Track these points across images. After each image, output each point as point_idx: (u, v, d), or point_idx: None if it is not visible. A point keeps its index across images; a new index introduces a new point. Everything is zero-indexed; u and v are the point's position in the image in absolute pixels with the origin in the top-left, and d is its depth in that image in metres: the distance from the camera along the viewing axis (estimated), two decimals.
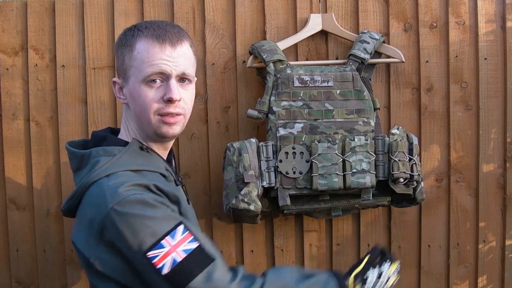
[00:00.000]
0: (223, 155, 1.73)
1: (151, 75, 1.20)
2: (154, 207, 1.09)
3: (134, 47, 1.22)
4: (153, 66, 1.20)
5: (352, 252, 1.91)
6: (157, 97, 1.21)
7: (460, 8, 1.85)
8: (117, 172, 1.15)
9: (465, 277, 1.91)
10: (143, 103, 1.21)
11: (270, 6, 1.86)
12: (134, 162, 1.20)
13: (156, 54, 1.20)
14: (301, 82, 1.71)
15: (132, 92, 1.23)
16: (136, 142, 1.24)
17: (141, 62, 1.20)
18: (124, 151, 1.21)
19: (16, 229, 1.91)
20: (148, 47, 1.21)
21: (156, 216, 1.08)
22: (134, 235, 1.06)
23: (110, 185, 1.11)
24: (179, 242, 1.07)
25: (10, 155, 1.90)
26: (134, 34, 1.23)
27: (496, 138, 1.87)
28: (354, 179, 1.65)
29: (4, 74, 1.89)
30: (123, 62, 1.24)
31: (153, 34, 1.21)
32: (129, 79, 1.23)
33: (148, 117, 1.22)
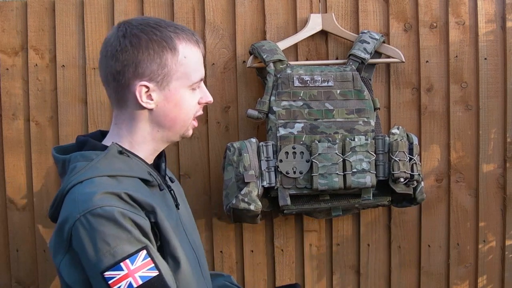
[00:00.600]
0: (223, 155, 1.73)
1: (199, 81, 1.22)
2: (119, 226, 1.05)
3: (177, 50, 1.17)
4: (198, 72, 1.21)
5: (352, 252, 1.91)
6: (196, 101, 1.24)
7: (460, 8, 1.85)
8: (92, 178, 1.12)
9: (465, 277, 1.91)
10: (187, 109, 1.22)
11: (270, 6, 1.86)
12: (111, 167, 1.16)
13: (200, 59, 1.22)
14: (301, 82, 1.71)
15: (174, 98, 1.19)
16: (114, 146, 1.19)
17: (189, 68, 1.19)
18: (102, 155, 1.16)
19: (16, 229, 1.91)
20: (194, 52, 1.20)
21: (120, 236, 1.04)
22: (95, 251, 1.04)
23: (82, 193, 1.08)
24: (138, 267, 1.04)
25: (10, 155, 1.90)
26: (171, 36, 1.17)
27: (496, 138, 1.87)
28: (354, 179, 1.65)
29: (4, 74, 1.89)
30: (165, 65, 1.16)
31: (191, 37, 1.21)
32: (171, 83, 1.18)
33: (186, 121, 1.23)
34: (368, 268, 1.91)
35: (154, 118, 1.21)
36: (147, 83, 1.16)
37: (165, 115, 1.21)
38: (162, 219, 1.15)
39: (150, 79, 1.16)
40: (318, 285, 1.92)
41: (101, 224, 1.04)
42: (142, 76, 1.16)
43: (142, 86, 1.16)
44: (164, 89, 1.18)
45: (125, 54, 1.16)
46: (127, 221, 1.06)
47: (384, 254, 1.91)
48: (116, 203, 1.07)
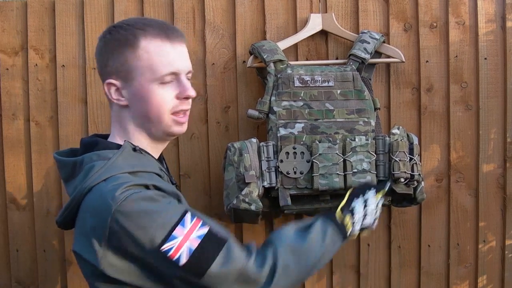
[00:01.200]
0: (224, 155, 1.72)
1: (167, 74, 1.18)
2: (157, 201, 1.08)
3: (138, 46, 1.18)
4: (167, 65, 1.18)
5: (352, 252, 1.91)
6: (171, 96, 1.20)
7: (460, 8, 1.85)
8: (115, 175, 1.12)
9: (465, 277, 1.91)
10: (157, 104, 1.19)
11: (270, 6, 1.86)
12: (129, 164, 1.17)
13: (169, 52, 1.19)
14: (301, 82, 1.71)
15: (140, 93, 1.19)
16: (128, 144, 1.21)
17: (152, 61, 1.18)
18: (118, 153, 1.17)
19: (16, 229, 1.91)
20: (159, 45, 1.18)
21: (161, 209, 1.07)
22: (144, 232, 1.05)
23: (109, 188, 1.08)
24: (190, 229, 1.07)
25: (10, 155, 1.89)
26: (135, 33, 1.19)
27: (496, 138, 1.87)
28: (355, 179, 1.65)
29: (4, 74, 1.88)
30: (125, 62, 1.19)
31: (160, 31, 1.19)
32: (135, 79, 1.19)
33: (160, 117, 1.20)
34: (368, 268, 1.91)
35: (133, 116, 1.24)
36: (114, 80, 1.21)
37: (138, 112, 1.22)
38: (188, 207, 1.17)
39: (116, 76, 1.21)
40: (318, 285, 1.92)
41: (139, 206, 1.06)
42: (110, 74, 1.21)
43: (109, 84, 1.22)
44: (131, 86, 1.20)
45: (98, 55, 1.24)
46: (160, 197, 1.09)
47: (384, 254, 1.91)
48: (145, 190, 1.10)
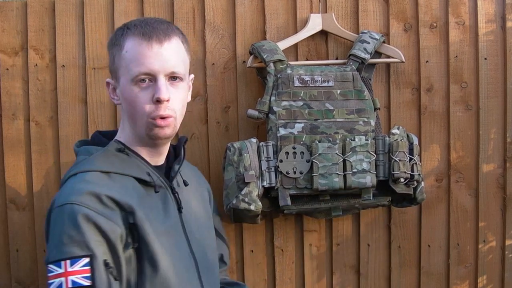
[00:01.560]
0: (223, 155, 1.73)
1: (138, 75, 1.17)
2: (77, 228, 1.09)
3: (122, 46, 1.20)
4: (140, 66, 1.17)
5: (352, 252, 1.91)
6: (147, 98, 1.18)
7: (460, 8, 1.85)
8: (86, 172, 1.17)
9: (465, 277, 1.91)
10: (134, 105, 1.19)
11: (270, 6, 1.86)
12: (107, 163, 1.20)
13: (143, 52, 1.17)
14: (301, 82, 1.71)
15: (123, 93, 1.21)
16: (115, 143, 1.23)
17: (129, 62, 1.18)
18: (101, 151, 1.22)
19: (16, 229, 1.91)
20: (135, 46, 1.18)
21: (73, 237, 1.09)
22: (52, 241, 1.12)
23: (69, 186, 1.16)
24: (75, 272, 1.07)
25: (10, 155, 1.89)
26: (123, 33, 1.21)
27: (496, 138, 1.87)
28: (354, 179, 1.65)
29: (4, 74, 1.88)
30: (114, 62, 1.22)
31: (140, 31, 1.19)
32: (120, 79, 1.21)
33: (139, 119, 1.20)
34: (368, 268, 1.91)
35: (125, 115, 1.26)
36: (110, 79, 1.27)
37: (126, 112, 1.24)
38: (142, 221, 1.17)
39: (111, 76, 1.26)
40: (318, 285, 1.92)
41: (64, 221, 1.10)
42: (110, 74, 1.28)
43: (108, 83, 1.28)
44: (119, 85, 1.23)
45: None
46: (89, 224, 1.10)
47: (384, 254, 1.91)
48: (91, 204, 1.12)
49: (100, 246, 1.10)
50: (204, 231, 1.37)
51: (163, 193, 1.27)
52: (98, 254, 1.09)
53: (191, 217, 1.33)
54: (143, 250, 1.16)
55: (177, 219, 1.28)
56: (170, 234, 1.23)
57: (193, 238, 1.30)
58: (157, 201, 1.25)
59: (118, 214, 1.15)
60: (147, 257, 1.16)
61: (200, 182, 1.51)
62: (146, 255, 1.16)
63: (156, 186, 1.24)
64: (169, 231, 1.24)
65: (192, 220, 1.33)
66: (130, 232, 1.15)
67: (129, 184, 1.21)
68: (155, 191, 1.24)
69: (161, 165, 1.31)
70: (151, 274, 1.16)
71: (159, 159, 1.31)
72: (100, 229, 1.11)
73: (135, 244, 1.16)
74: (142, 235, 1.16)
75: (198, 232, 1.33)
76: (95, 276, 1.08)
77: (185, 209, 1.31)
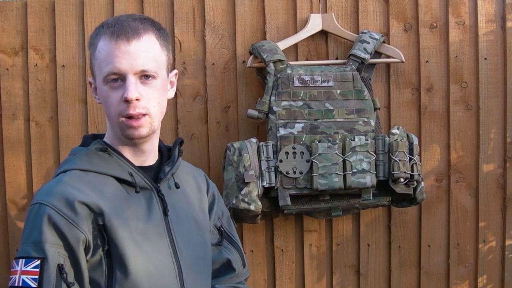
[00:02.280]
0: (223, 155, 1.73)
1: (108, 74, 1.16)
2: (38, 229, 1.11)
3: (96, 46, 1.19)
4: (109, 65, 1.16)
5: (352, 252, 1.91)
6: (118, 98, 1.17)
7: (460, 8, 1.85)
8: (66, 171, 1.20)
9: (465, 277, 1.91)
10: (108, 104, 1.18)
11: (270, 6, 1.86)
12: (87, 162, 1.21)
13: (112, 52, 1.16)
14: (301, 82, 1.71)
15: (99, 92, 1.21)
16: (97, 143, 1.23)
17: (101, 61, 1.17)
18: (83, 151, 1.23)
19: (16, 229, 1.91)
20: (105, 45, 1.17)
21: (34, 238, 1.12)
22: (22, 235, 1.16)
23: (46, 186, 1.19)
24: (26, 271, 1.10)
25: (10, 155, 1.90)
26: (98, 33, 1.20)
27: (496, 138, 1.87)
28: (354, 179, 1.65)
29: (4, 74, 1.89)
30: (91, 62, 1.22)
31: (110, 31, 1.17)
32: (96, 78, 1.21)
33: (113, 119, 1.19)
34: (368, 268, 1.91)
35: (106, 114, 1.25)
36: (91, 79, 1.26)
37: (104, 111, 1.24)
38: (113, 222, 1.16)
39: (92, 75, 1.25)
40: (318, 285, 1.92)
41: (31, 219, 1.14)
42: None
43: (90, 83, 1.27)
44: (96, 85, 1.22)
45: None
46: (49, 226, 1.12)
47: (384, 254, 1.91)
48: (58, 205, 1.13)
49: (56, 249, 1.12)
50: (195, 237, 1.32)
51: (148, 195, 1.24)
52: (51, 258, 1.10)
53: (180, 221, 1.29)
54: (113, 253, 1.15)
55: (161, 222, 1.24)
56: (151, 237, 1.21)
57: (180, 243, 1.25)
58: (140, 203, 1.22)
59: (86, 217, 1.14)
60: (117, 259, 1.15)
61: (200, 184, 1.45)
62: (116, 258, 1.15)
63: (137, 187, 1.22)
64: (150, 234, 1.21)
65: (181, 224, 1.29)
66: (99, 234, 1.15)
67: (109, 184, 1.20)
68: (136, 191, 1.22)
69: (150, 166, 1.29)
70: (121, 277, 1.14)
71: (145, 159, 1.28)
72: (59, 231, 1.12)
73: (105, 246, 1.15)
74: (112, 237, 1.15)
75: (186, 237, 1.28)
76: (43, 279, 1.10)
77: (173, 212, 1.27)
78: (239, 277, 1.46)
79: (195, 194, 1.39)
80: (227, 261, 1.43)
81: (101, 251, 1.15)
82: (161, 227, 1.24)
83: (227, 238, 1.46)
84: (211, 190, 1.47)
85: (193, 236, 1.32)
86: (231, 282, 1.45)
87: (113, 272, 1.15)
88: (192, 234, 1.31)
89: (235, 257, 1.47)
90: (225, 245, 1.45)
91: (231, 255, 1.45)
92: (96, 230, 1.15)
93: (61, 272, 1.11)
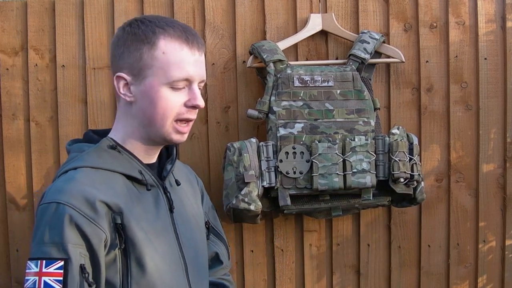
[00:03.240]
0: (223, 155, 1.73)
1: (178, 80, 1.16)
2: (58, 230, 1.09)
3: (156, 45, 1.16)
4: (182, 70, 1.16)
5: (352, 252, 1.91)
6: (180, 102, 1.18)
7: (460, 8, 1.85)
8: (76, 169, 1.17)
9: (465, 277, 1.91)
10: (163, 107, 1.17)
11: (270, 6, 1.86)
12: (97, 159, 1.19)
13: (186, 58, 1.16)
14: (301, 82, 1.71)
15: (149, 93, 1.17)
16: (106, 140, 1.22)
17: (168, 64, 1.16)
18: (92, 148, 1.21)
19: (16, 229, 1.91)
20: (176, 49, 1.16)
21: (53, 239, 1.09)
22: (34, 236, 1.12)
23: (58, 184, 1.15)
24: (48, 273, 1.08)
25: (10, 155, 1.90)
26: (155, 31, 1.17)
27: (496, 138, 1.87)
28: (354, 179, 1.65)
29: (4, 74, 1.89)
30: (140, 59, 1.17)
31: (181, 35, 1.17)
32: (146, 78, 1.17)
33: (163, 121, 1.18)
34: (368, 268, 1.91)
35: (136, 114, 1.22)
36: (125, 75, 1.19)
37: (143, 112, 1.20)
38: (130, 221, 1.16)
39: (128, 71, 1.19)
40: (318, 285, 1.92)
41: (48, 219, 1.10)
42: (122, 68, 1.20)
43: (119, 78, 1.20)
44: (141, 84, 1.18)
45: (114, 45, 1.22)
46: (71, 226, 1.09)
47: (384, 254, 1.91)
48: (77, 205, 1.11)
49: (78, 249, 1.10)
50: (196, 233, 1.35)
51: (155, 192, 1.26)
52: (74, 258, 1.09)
53: (183, 218, 1.31)
54: (130, 251, 1.15)
55: (168, 219, 1.26)
56: (160, 234, 1.22)
57: (184, 239, 1.28)
58: (149, 200, 1.23)
59: (105, 216, 1.14)
60: (134, 258, 1.15)
61: (192, 181, 1.47)
62: (133, 256, 1.15)
63: (148, 184, 1.23)
64: (160, 231, 1.22)
65: (184, 221, 1.31)
66: (117, 233, 1.15)
67: (120, 181, 1.20)
68: (147, 189, 1.23)
69: (153, 164, 1.30)
70: (138, 275, 1.15)
71: (153, 157, 1.29)
72: (81, 232, 1.10)
73: (122, 245, 1.15)
74: (129, 236, 1.15)
75: (189, 233, 1.31)
76: (68, 281, 1.08)
77: (177, 209, 1.29)
78: (225, 269, 1.52)
79: (190, 191, 1.43)
80: (215, 254, 1.49)
81: (117, 250, 1.15)
82: (168, 224, 1.26)
83: (213, 231, 1.51)
84: (200, 185, 1.52)
85: (194, 232, 1.35)
86: (218, 274, 1.51)
87: (129, 270, 1.15)
88: (193, 230, 1.35)
89: (222, 250, 1.52)
90: (212, 239, 1.50)
91: (218, 248, 1.51)
92: (113, 229, 1.15)
93: (83, 272, 1.10)
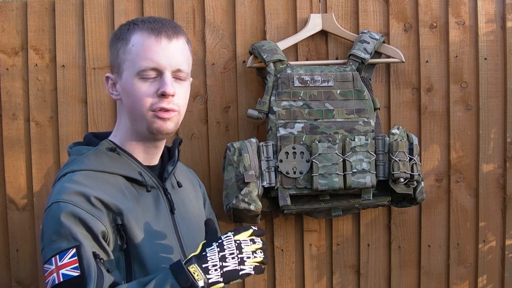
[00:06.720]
0: (223, 155, 1.73)
1: (145, 69, 1.17)
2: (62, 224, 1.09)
3: (129, 40, 1.19)
4: (147, 60, 1.17)
5: (352, 252, 1.91)
6: (151, 91, 1.18)
7: (460, 8, 1.85)
8: (75, 171, 1.18)
9: (465, 277, 1.91)
10: (137, 98, 1.18)
11: (270, 6, 1.86)
12: (97, 162, 1.20)
13: (152, 47, 1.17)
14: (301, 82, 1.71)
15: (126, 87, 1.20)
16: (106, 143, 1.23)
17: (136, 55, 1.18)
18: (91, 151, 1.22)
19: (16, 229, 1.91)
20: (143, 40, 1.18)
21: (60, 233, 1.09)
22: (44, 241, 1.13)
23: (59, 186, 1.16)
24: (64, 265, 1.07)
25: (10, 155, 1.90)
26: (130, 28, 1.21)
27: (496, 138, 1.87)
28: (354, 179, 1.65)
29: (4, 74, 1.89)
30: (117, 56, 1.21)
31: (149, 26, 1.19)
32: (123, 73, 1.20)
33: (141, 112, 1.19)
34: (368, 268, 1.91)
35: (124, 111, 1.25)
36: (110, 74, 1.25)
37: (127, 107, 1.23)
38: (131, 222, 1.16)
39: (112, 70, 1.25)
40: (318, 285, 1.92)
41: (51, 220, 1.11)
42: (110, 69, 1.26)
43: (107, 78, 1.26)
44: (121, 79, 1.22)
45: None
46: (74, 220, 1.10)
47: (384, 254, 1.91)
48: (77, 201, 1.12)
49: (86, 238, 1.10)
50: (197, 234, 1.34)
51: (155, 194, 1.26)
52: (85, 244, 1.09)
53: (184, 220, 1.32)
54: (131, 252, 1.16)
55: (169, 220, 1.27)
56: (161, 236, 1.23)
57: (185, 240, 1.28)
58: (149, 202, 1.24)
59: (105, 214, 1.14)
60: (136, 258, 1.16)
61: (195, 184, 1.49)
62: (135, 256, 1.16)
63: (148, 186, 1.24)
64: (160, 232, 1.23)
65: (185, 222, 1.32)
66: (118, 233, 1.15)
67: (119, 183, 1.21)
68: (147, 190, 1.24)
69: (155, 166, 1.30)
70: (140, 275, 1.15)
71: (153, 159, 1.30)
72: (85, 224, 1.10)
73: (124, 245, 1.15)
74: (130, 236, 1.15)
75: (190, 234, 1.31)
76: (83, 265, 1.07)
77: (178, 211, 1.30)
78: None
79: (192, 193, 1.43)
80: None
81: (119, 250, 1.15)
82: (169, 225, 1.27)
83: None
84: (202, 190, 1.53)
85: (196, 233, 1.35)
86: None
87: (132, 271, 1.16)
88: (195, 232, 1.35)
89: None
90: None
91: None
92: (115, 229, 1.15)
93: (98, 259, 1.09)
